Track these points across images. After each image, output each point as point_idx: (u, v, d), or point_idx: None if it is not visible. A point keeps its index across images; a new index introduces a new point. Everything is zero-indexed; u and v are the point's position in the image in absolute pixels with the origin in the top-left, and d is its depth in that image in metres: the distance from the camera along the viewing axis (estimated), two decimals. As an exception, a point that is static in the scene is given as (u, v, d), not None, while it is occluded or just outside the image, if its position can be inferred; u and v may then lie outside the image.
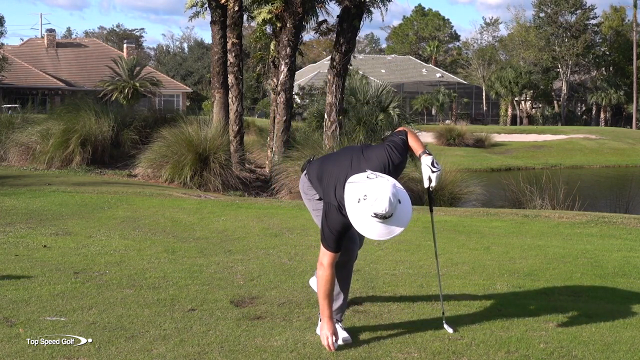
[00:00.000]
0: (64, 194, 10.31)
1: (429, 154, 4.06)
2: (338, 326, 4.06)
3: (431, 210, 4.45)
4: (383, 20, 17.73)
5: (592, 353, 3.89)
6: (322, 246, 3.90)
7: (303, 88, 45.11)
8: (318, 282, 3.94)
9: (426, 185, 4.09)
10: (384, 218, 3.56)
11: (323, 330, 3.92)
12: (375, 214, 3.55)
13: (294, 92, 18.92)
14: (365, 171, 3.80)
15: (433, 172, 4.03)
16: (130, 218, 8.45)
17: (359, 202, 3.60)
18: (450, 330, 4.19)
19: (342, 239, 3.87)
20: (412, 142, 4.13)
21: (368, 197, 3.58)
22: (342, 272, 4.11)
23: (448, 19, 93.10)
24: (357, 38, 17.12)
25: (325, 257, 3.89)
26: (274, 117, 16.31)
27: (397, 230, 3.63)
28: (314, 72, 60.53)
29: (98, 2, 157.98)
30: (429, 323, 4.38)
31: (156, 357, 3.74)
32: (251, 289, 5.13)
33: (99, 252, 6.38)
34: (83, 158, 15.07)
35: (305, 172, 4.34)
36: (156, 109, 20.55)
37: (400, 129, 4.24)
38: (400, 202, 3.66)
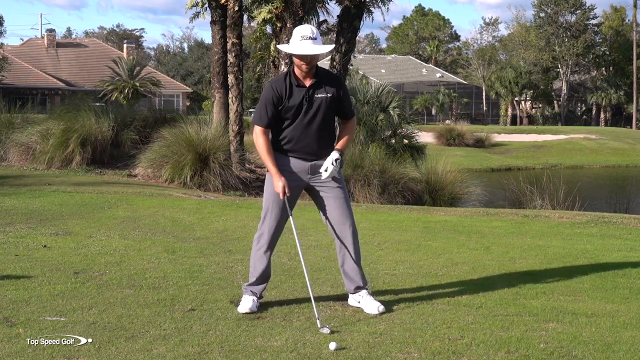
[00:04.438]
0: (64, 194, 10.31)
1: (340, 153, 4.63)
2: (369, 296, 4.68)
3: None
4: (384, 20, 17.76)
5: (592, 353, 3.89)
6: (255, 126, 4.63)
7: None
8: (258, 150, 4.65)
9: (321, 171, 4.63)
10: (311, 39, 4.47)
11: (277, 186, 4.53)
12: (302, 36, 4.48)
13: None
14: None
15: (332, 164, 4.58)
16: (130, 218, 8.45)
17: (289, 42, 4.61)
18: (326, 331, 4.12)
19: (271, 115, 4.55)
20: (343, 139, 4.73)
21: (294, 33, 4.54)
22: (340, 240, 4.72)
23: (448, 19, 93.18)
24: (357, 38, 17.12)
25: (256, 130, 4.60)
26: (274, 117, 16.26)
27: (323, 48, 4.54)
28: (314, 72, 60.40)
29: (96, 1, 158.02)
30: (429, 323, 4.38)
31: (156, 357, 3.74)
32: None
33: (99, 252, 6.38)
34: (83, 158, 15.05)
35: None
36: (156, 109, 20.52)
37: (349, 131, 4.81)
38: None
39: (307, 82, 4.57)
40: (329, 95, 4.58)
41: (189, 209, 9.40)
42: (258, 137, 4.57)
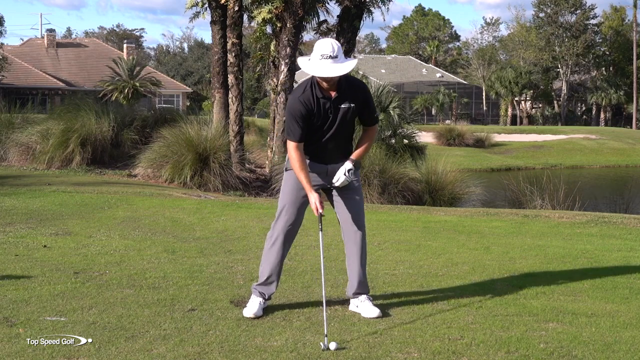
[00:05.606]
0: (64, 194, 10.31)
1: (353, 163, 4.57)
2: (368, 301, 4.63)
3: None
4: (384, 20, 17.76)
5: (592, 353, 3.89)
6: (287, 141, 4.53)
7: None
8: (292, 165, 4.51)
9: (334, 180, 4.60)
10: (332, 58, 4.33)
11: (311, 202, 4.46)
12: (322, 54, 4.33)
13: (294, 92, 18.87)
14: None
15: (344, 175, 4.54)
16: (130, 218, 8.45)
17: (309, 60, 4.41)
18: (333, 347, 3.88)
19: (304, 129, 4.46)
20: (360, 147, 4.65)
21: (315, 49, 4.40)
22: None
23: (448, 19, 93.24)
24: (357, 38, 17.13)
25: (290, 146, 4.50)
26: (274, 117, 16.31)
27: (344, 67, 4.34)
28: (314, 72, 60.40)
29: (95, 1, 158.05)
30: (429, 323, 4.38)
31: (156, 357, 3.74)
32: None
33: (99, 252, 6.38)
34: (83, 158, 15.06)
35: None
36: (156, 109, 20.52)
37: (369, 138, 4.72)
38: (346, 58, 4.44)
39: (332, 93, 4.48)
40: (352, 105, 4.49)
41: (189, 209, 9.40)
42: (292, 152, 4.48)
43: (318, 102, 4.45)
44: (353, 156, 4.57)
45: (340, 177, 4.53)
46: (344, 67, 4.35)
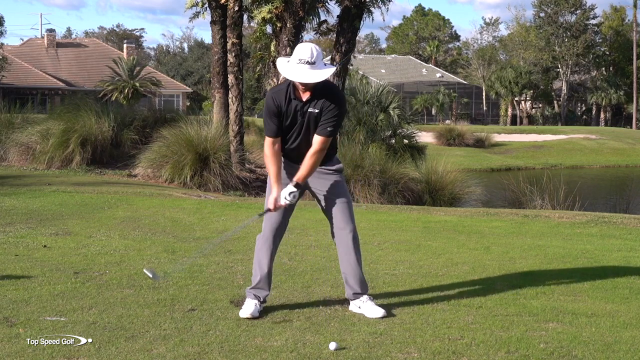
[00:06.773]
0: (64, 194, 10.31)
1: (295, 186, 4.49)
2: (370, 302, 4.61)
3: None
4: (384, 20, 17.74)
5: (592, 353, 3.89)
6: (265, 137, 4.61)
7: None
8: (264, 159, 4.67)
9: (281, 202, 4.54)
10: (309, 64, 4.31)
11: (271, 197, 4.53)
12: (300, 59, 4.32)
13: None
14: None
15: (285, 198, 4.48)
16: (130, 218, 8.45)
17: (288, 62, 4.42)
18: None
19: (277, 125, 4.52)
20: (303, 167, 4.52)
21: (294, 52, 4.40)
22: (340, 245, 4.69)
23: (448, 19, 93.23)
24: (357, 38, 17.13)
25: (265, 142, 4.59)
26: (274, 117, 16.29)
27: (319, 75, 4.32)
28: (314, 72, 60.37)
29: (95, 1, 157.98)
30: (429, 323, 4.38)
31: (156, 357, 3.74)
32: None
33: (99, 252, 6.38)
34: (83, 158, 15.07)
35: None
36: (156, 109, 20.52)
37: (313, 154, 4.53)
38: (325, 65, 4.42)
39: (305, 96, 4.48)
40: (316, 110, 4.48)
41: (189, 209, 9.40)
42: (265, 148, 4.58)
43: (289, 102, 4.49)
44: (295, 178, 4.48)
45: (284, 197, 4.47)
46: (319, 74, 4.33)
